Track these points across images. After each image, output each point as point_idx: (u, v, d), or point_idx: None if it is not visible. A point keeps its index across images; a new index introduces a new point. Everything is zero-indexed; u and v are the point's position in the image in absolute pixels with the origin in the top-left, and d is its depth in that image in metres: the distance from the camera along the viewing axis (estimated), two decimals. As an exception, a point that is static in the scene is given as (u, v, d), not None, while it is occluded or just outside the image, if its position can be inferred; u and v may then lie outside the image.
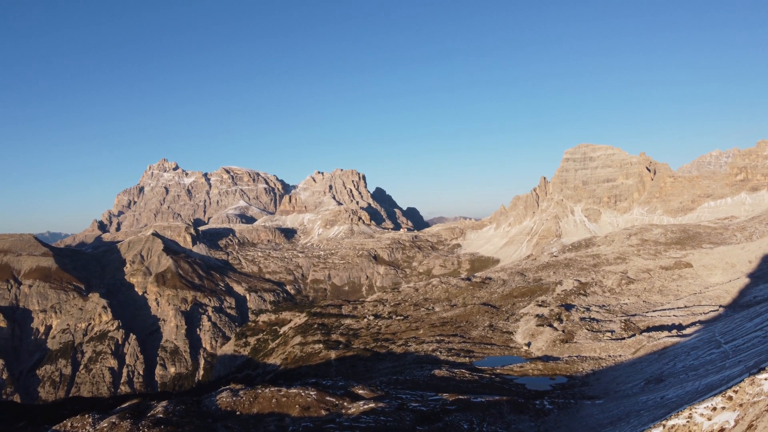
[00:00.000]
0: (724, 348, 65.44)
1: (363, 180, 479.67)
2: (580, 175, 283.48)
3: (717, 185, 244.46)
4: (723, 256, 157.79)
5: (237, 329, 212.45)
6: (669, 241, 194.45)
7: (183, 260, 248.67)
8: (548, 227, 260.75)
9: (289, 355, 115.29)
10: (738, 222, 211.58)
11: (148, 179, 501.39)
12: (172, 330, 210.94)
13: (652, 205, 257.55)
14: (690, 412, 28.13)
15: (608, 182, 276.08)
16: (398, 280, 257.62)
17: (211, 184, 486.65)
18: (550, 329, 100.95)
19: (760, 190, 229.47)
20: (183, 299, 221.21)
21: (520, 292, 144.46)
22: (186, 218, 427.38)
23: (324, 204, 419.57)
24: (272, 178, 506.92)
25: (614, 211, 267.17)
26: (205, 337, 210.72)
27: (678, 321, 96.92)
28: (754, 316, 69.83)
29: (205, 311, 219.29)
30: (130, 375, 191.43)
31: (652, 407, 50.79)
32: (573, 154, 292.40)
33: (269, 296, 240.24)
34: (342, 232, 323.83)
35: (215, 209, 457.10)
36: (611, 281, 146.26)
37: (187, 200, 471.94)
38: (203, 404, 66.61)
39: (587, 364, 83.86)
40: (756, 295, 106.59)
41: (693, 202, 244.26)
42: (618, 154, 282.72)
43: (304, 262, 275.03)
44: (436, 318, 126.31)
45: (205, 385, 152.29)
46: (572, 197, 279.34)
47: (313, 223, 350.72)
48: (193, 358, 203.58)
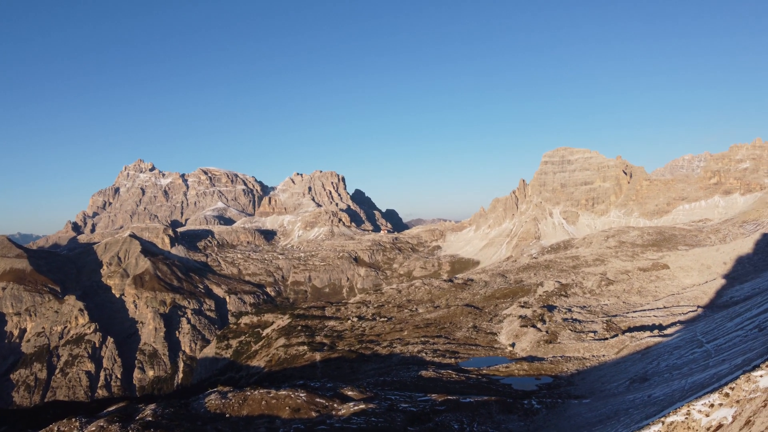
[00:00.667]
0: (706, 347, 67.03)
1: (342, 182, 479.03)
2: (559, 177, 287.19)
3: (691, 188, 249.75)
4: (699, 257, 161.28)
5: (217, 332, 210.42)
6: (646, 243, 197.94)
7: (161, 262, 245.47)
8: (527, 229, 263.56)
9: (273, 357, 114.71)
10: (712, 224, 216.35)
11: (124, 180, 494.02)
12: (150, 333, 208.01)
13: (628, 207, 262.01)
14: (688, 409, 28.90)
15: (586, 185, 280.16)
16: (379, 281, 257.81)
17: (188, 186, 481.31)
18: (534, 330, 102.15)
19: (733, 194, 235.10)
20: (161, 301, 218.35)
21: (502, 293, 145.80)
22: (163, 220, 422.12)
23: (303, 206, 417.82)
24: (251, 179, 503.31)
25: (592, 213, 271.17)
26: (185, 339, 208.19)
27: (658, 321, 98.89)
28: (734, 316, 71.63)
29: (184, 314, 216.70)
30: (108, 379, 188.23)
31: (640, 405, 51.85)
32: (551, 157, 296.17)
33: (249, 298, 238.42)
34: (322, 233, 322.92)
35: (193, 210, 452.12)
36: (591, 282, 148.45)
37: (164, 201, 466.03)
38: (192, 407, 66.12)
39: (572, 364, 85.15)
40: (732, 296, 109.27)
41: (668, 205, 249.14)
42: (595, 158, 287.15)
43: (285, 264, 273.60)
44: (420, 319, 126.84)
45: (187, 388, 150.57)
46: (551, 200, 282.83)
47: (293, 224, 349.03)
48: (172, 361, 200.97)
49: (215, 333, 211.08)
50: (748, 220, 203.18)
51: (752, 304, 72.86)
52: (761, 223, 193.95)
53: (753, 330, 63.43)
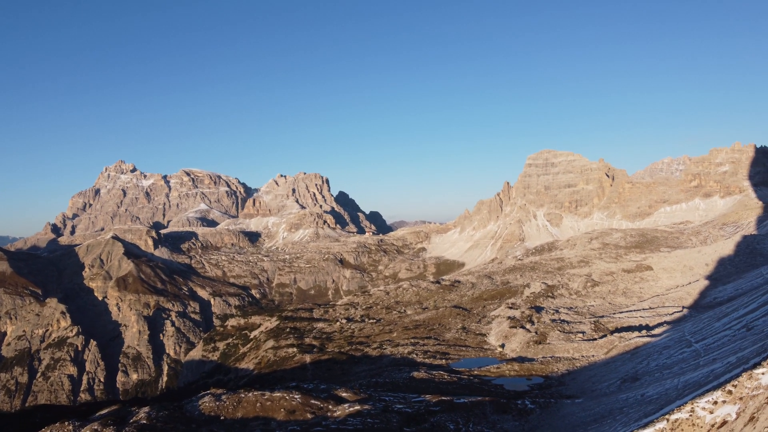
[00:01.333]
0: (695, 347, 68.32)
1: (326, 183, 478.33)
2: (543, 180, 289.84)
3: (672, 191, 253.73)
4: (681, 259, 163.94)
5: (203, 334, 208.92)
6: (629, 245, 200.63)
7: (145, 264, 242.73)
8: (512, 231, 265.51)
9: (262, 359, 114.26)
10: (693, 226, 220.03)
11: (105, 181, 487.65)
12: (134, 335, 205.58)
13: (611, 210, 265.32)
14: (692, 406, 29.59)
15: (569, 187, 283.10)
16: (364, 283, 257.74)
17: (170, 187, 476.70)
18: (523, 331, 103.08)
19: (713, 196, 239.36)
20: (145, 304, 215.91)
21: (490, 294, 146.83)
22: (145, 221, 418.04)
23: (287, 207, 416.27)
24: (234, 181, 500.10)
25: (575, 215, 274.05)
26: (169, 342, 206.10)
27: (645, 322, 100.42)
28: (722, 316, 73.04)
29: (169, 316, 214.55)
30: (91, 382, 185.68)
31: (634, 404, 52.73)
32: (535, 160, 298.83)
33: (234, 300, 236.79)
34: (307, 235, 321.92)
35: (175, 212, 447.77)
36: (577, 284, 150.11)
37: (146, 203, 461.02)
38: (185, 409, 65.87)
39: (562, 364, 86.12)
40: (716, 297, 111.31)
41: (650, 207, 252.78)
42: (578, 160, 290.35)
43: (269, 266, 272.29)
44: (409, 321, 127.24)
45: (174, 391, 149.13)
46: (535, 202, 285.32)
47: (277, 226, 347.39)
48: (156, 364, 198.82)
49: (200, 335, 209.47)
50: (728, 223, 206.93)
51: (739, 304, 74.38)
52: (741, 226, 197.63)
53: (741, 330, 64.81)
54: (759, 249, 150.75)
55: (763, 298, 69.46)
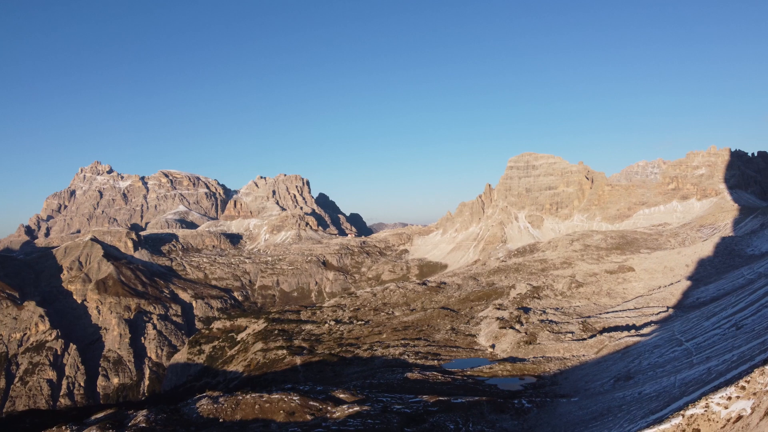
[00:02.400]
0: (686, 346, 69.88)
1: (307, 185, 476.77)
2: (524, 182, 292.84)
3: (651, 194, 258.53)
4: (662, 260, 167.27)
5: (185, 337, 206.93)
6: (609, 247, 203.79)
7: (125, 266, 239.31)
8: (494, 233, 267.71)
9: (251, 361, 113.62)
10: (671, 228, 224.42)
11: (80, 182, 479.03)
12: (115, 339, 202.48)
13: (591, 212, 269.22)
14: (706, 402, 30.51)
15: (550, 190, 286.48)
16: (348, 285, 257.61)
17: (148, 188, 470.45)
18: (513, 331, 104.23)
19: (690, 199, 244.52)
20: (126, 307, 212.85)
21: (477, 296, 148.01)
22: (122, 223, 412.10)
23: (267, 209, 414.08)
24: (213, 182, 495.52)
25: (556, 217, 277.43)
26: (150, 345, 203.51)
27: (632, 322, 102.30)
28: (710, 315, 74.82)
29: (150, 319, 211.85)
30: (71, 387, 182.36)
31: (633, 402, 53.80)
32: (517, 163, 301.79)
33: (216, 303, 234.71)
34: (289, 237, 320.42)
35: (153, 214, 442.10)
36: (561, 285, 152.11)
37: (123, 205, 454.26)
38: (182, 412, 65.52)
39: (553, 364, 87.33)
40: (699, 297, 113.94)
41: (629, 210, 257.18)
42: (559, 163, 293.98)
43: (252, 268, 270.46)
44: (398, 322, 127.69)
45: (160, 395, 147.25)
46: (516, 204, 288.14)
47: (259, 228, 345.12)
48: (137, 368, 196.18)
49: (182, 339, 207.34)
50: (705, 225, 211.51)
51: (726, 303, 76.24)
52: (718, 228, 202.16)
53: (731, 329, 66.53)
54: (737, 250, 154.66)
55: (750, 297, 71.35)
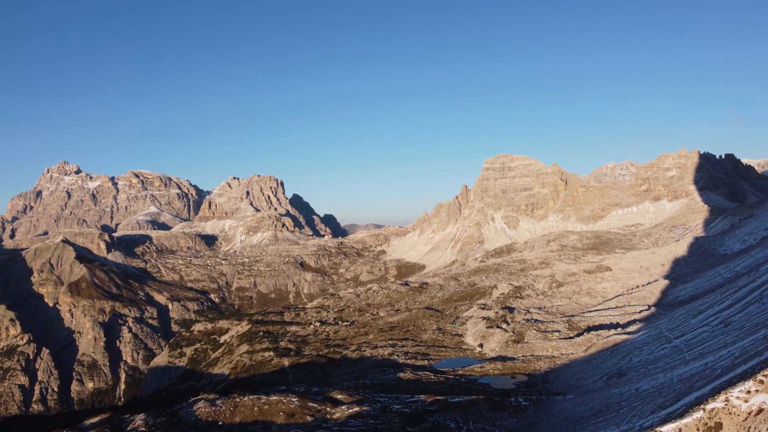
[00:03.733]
0: (675, 343, 71.72)
1: (281, 186, 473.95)
2: (500, 183, 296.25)
3: (624, 195, 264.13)
4: (638, 260, 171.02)
5: (161, 340, 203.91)
6: (585, 247, 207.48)
7: (98, 269, 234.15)
8: (471, 234, 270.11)
9: (237, 364, 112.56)
10: (644, 229, 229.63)
11: (47, 183, 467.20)
12: (89, 343, 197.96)
13: (566, 212, 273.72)
14: (726, 396, 31.54)
15: (525, 191, 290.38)
16: (326, 286, 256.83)
17: (118, 189, 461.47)
18: (501, 331, 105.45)
19: (662, 200, 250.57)
20: (100, 310, 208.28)
21: (460, 296, 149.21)
22: (92, 225, 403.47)
23: (241, 210, 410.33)
24: (185, 183, 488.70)
25: (531, 218, 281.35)
26: (126, 349, 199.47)
27: (615, 320, 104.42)
28: (696, 313, 76.92)
29: (125, 322, 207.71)
30: (44, 392, 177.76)
31: (630, 398, 55.09)
32: (493, 164, 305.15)
33: (193, 305, 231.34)
34: (266, 238, 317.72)
35: (124, 215, 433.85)
36: (542, 285, 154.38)
37: (92, 206, 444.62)
38: (180, 415, 64.86)
39: (543, 362, 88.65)
40: (677, 295, 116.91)
41: (603, 211, 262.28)
42: (534, 165, 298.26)
43: (228, 270, 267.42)
44: (383, 323, 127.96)
45: (141, 398, 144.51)
46: (492, 205, 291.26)
47: (234, 229, 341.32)
48: (113, 372, 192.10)
49: (159, 342, 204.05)
50: (677, 225, 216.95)
51: (711, 301, 78.46)
52: (689, 228, 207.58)
53: (719, 326, 68.53)
54: (710, 250, 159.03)
55: (736, 295, 73.58)
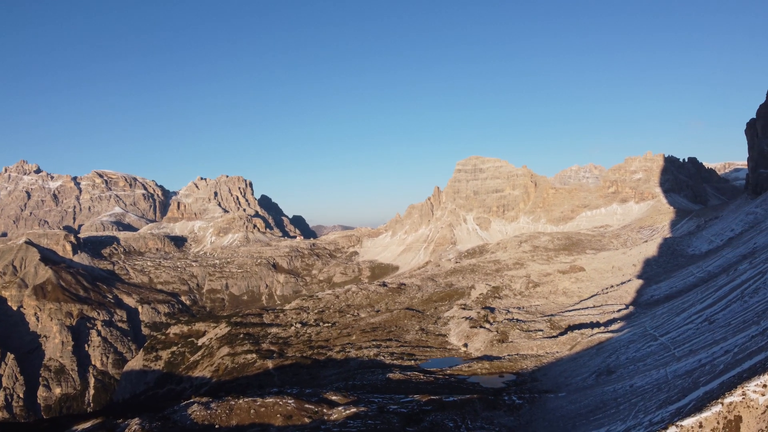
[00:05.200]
0: (661, 341, 73.82)
1: (250, 187, 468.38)
2: (471, 185, 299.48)
3: (592, 197, 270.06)
4: (609, 260, 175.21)
5: (131, 344, 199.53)
6: (557, 248, 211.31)
7: (64, 271, 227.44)
8: (443, 235, 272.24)
9: (219, 366, 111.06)
10: (612, 230, 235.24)
11: (4, 182, 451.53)
12: (56, 347, 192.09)
13: (536, 214, 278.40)
14: (742, 390, 32.76)
15: (497, 193, 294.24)
16: (299, 288, 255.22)
17: (81, 189, 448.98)
18: (485, 330, 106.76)
19: (629, 202, 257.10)
20: (67, 313, 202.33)
21: (439, 296, 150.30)
22: (54, 226, 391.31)
23: (209, 211, 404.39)
24: (151, 183, 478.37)
25: (503, 219, 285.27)
26: (95, 353, 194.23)
27: (596, 319, 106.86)
28: (679, 311, 79.35)
29: (94, 325, 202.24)
30: (8, 399, 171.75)
31: (627, 395, 56.55)
32: (464, 166, 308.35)
33: (164, 308, 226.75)
34: (237, 240, 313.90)
35: (87, 216, 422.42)
36: (519, 285, 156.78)
37: (54, 206, 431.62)
38: (174, 419, 64.02)
39: (529, 361, 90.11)
40: (653, 295, 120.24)
41: (572, 212, 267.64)
42: (505, 167, 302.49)
43: (199, 272, 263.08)
44: (365, 324, 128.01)
45: (118, 404, 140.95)
46: (464, 206, 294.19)
47: (204, 230, 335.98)
48: (81, 377, 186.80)
49: (129, 345, 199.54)
50: (645, 226, 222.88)
51: (693, 300, 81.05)
52: (656, 229, 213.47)
53: (703, 323, 70.86)
54: (679, 250, 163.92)
55: (717, 294, 76.14)
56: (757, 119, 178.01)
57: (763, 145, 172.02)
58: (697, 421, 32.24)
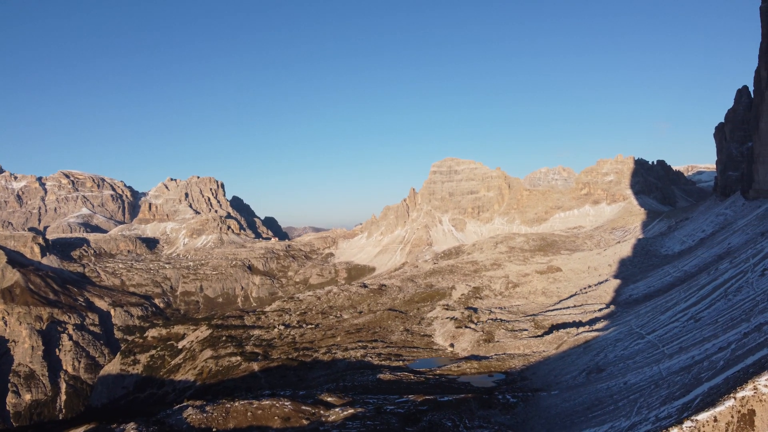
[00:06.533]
0: (648, 338, 75.68)
1: (222, 188, 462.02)
2: (447, 187, 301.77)
3: (565, 198, 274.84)
4: (585, 261, 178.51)
5: (104, 348, 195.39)
6: (532, 248, 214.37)
7: (33, 273, 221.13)
8: (419, 236, 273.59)
9: (203, 369, 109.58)
10: (585, 231, 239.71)
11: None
12: (26, 352, 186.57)
13: (510, 215, 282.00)
14: (754, 385, 33.96)
15: (472, 194, 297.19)
16: (275, 290, 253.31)
17: (47, 190, 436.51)
18: (471, 331, 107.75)
19: (601, 203, 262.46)
20: (37, 317, 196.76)
21: (420, 297, 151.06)
22: (18, 227, 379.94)
23: (180, 212, 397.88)
24: (119, 184, 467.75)
25: (478, 221, 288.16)
26: (66, 358, 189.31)
27: (578, 318, 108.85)
28: (664, 310, 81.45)
29: (65, 329, 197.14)
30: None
31: (623, 392, 57.82)
32: (440, 167, 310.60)
33: (137, 311, 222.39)
34: (210, 241, 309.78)
35: (53, 217, 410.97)
36: (498, 285, 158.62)
37: (18, 207, 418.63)
38: (169, 423, 63.31)
39: (517, 360, 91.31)
40: (631, 294, 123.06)
41: (546, 213, 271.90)
42: (480, 168, 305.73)
43: (173, 274, 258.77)
44: (349, 325, 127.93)
45: (98, 409, 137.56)
46: (440, 208, 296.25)
47: (177, 232, 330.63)
48: (52, 383, 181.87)
49: (101, 349, 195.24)
50: (617, 227, 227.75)
51: (677, 298, 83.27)
52: (628, 230, 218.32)
53: (689, 321, 72.92)
54: (653, 251, 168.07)
55: (701, 293, 78.39)
56: (726, 123, 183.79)
57: (732, 148, 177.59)
58: (711, 415, 33.28)
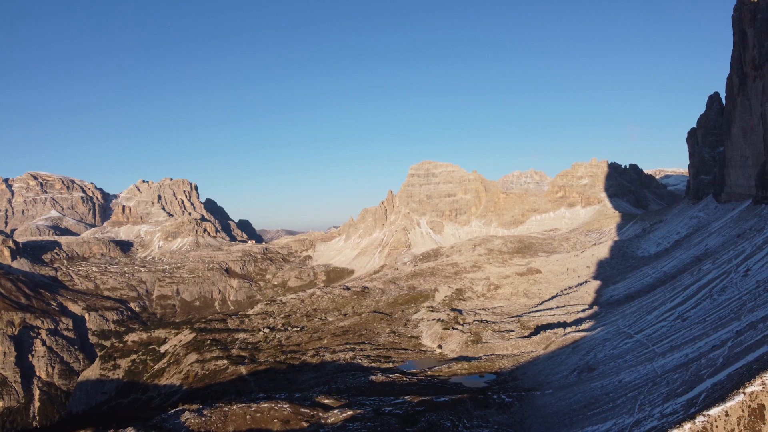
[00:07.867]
0: (637, 338, 77.57)
1: (195, 190, 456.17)
2: (425, 189, 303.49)
3: (541, 201, 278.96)
4: (563, 262, 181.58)
5: (78, 353, 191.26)
6: (511, 251, 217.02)
7: (3, 277, 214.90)
8: (398, 238, 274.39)
9: (189, 374, 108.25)
10: (561, 233, 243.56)
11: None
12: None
13: (487, 218, 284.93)
14: (762, 380, 35.38)
15: (449, 197, 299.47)
16: (253, 293, 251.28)
17: (14, 192, 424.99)
18: (458, 332, 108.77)
19: (576, 206, 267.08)
20: (9, 322, 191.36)
21: (404, 299, 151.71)
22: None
23: (153, 215, 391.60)
24: (90, 186, 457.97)
25: (455, 223, 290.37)
26: (40, 364, 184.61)
27: (563, 319, 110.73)
28: (650, 310, 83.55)
29: (38, 335, 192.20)
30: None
31: (620, 390, 59.27)
32: (417, 170, 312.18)
33: (112, 315, 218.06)
34: (186, 244, 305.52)
35: (21, 220, 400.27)
36: (481, 287, 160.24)
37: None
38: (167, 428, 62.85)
39: (506, 361, 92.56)
40: (612, 295, 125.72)
41: (522, 216, 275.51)
42: (457, 171, 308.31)
43: (148, 277, 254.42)
44: (334, 327, 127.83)
45: (77, 416, 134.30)
46: (418, 210, 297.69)
47: (151, 235, 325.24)
48: (25, 389, 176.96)
49: (76, 354, 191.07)
50: (592, 230, 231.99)
51: (663, 298, 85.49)
52: (604, 232, 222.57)
53: (676, 321, 74.98)
54: (629, 252, 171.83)
55: (685, 293, 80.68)
56: (698, 128, 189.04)
57: (704, 152, 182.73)
58: (722, 410, 34.57)
